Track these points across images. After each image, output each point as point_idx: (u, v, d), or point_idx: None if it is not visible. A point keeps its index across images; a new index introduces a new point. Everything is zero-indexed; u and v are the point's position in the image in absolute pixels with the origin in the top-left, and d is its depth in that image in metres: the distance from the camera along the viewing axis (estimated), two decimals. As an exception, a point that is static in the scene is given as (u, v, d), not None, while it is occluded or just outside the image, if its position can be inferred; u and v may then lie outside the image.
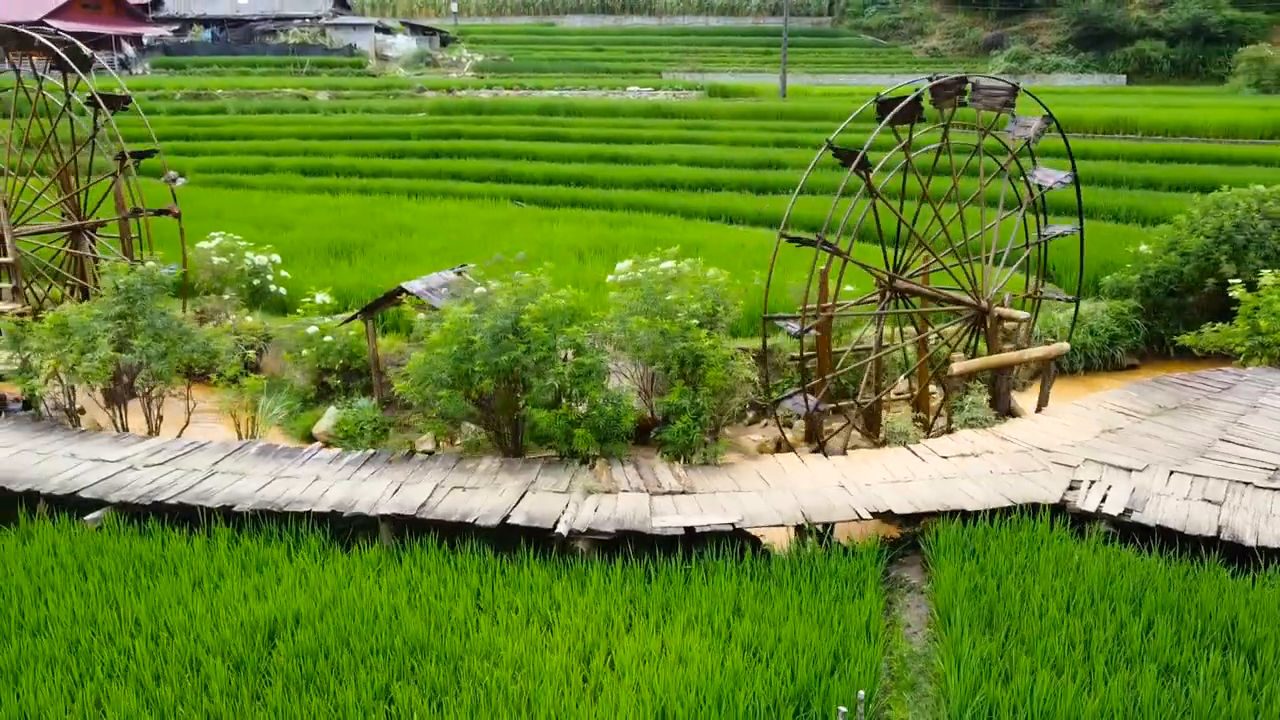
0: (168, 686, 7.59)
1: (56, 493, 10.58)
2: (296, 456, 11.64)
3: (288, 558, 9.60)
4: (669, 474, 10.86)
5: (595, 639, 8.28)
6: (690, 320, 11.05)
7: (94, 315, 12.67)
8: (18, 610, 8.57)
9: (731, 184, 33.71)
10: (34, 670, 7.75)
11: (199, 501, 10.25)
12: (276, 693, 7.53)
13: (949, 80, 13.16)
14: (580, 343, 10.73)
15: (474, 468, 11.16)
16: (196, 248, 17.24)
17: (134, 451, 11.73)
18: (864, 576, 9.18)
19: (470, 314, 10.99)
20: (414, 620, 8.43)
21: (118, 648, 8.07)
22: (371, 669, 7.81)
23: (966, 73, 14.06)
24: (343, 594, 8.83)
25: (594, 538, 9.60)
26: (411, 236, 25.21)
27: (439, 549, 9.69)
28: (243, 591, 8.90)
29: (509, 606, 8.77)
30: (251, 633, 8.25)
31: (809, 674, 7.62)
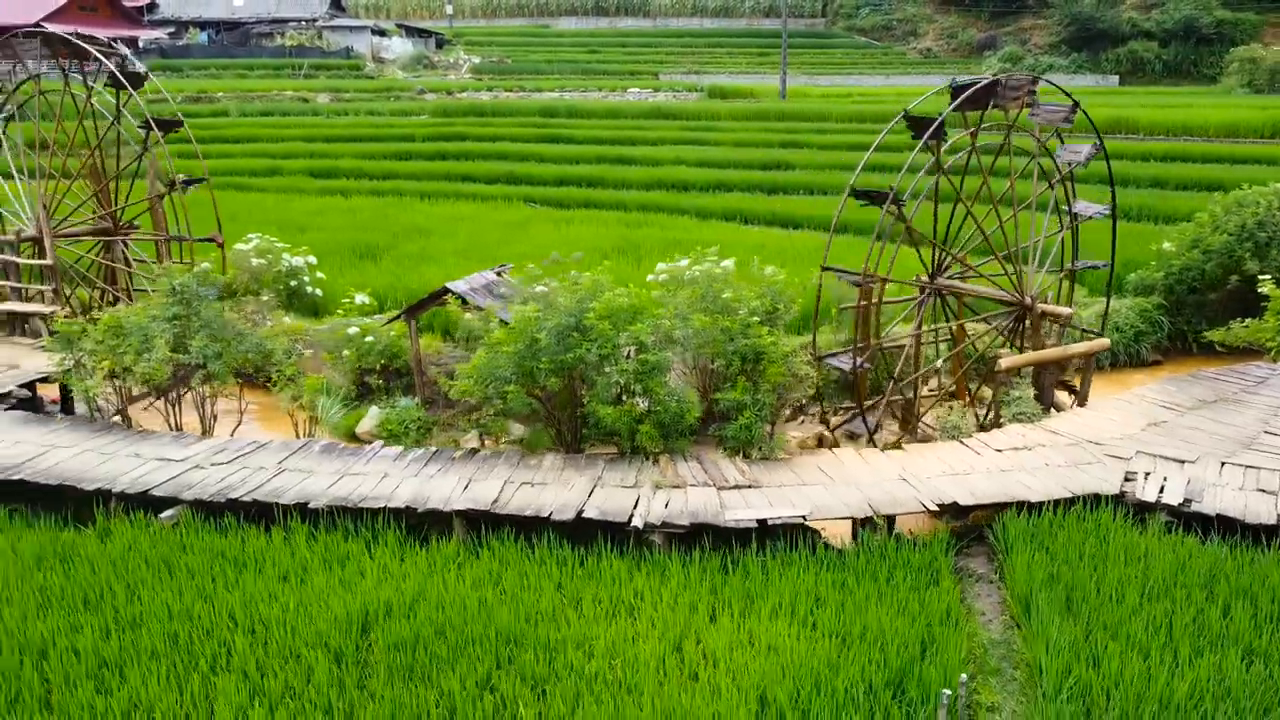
0: (272, 678, 7.73)
1: (129, 491, 10.68)
2: (360, 454, 11.78)
3: (366, 553, 9.75)
4: (732, 469, 11.05)
5: (683, 628, 8.46)
6: (751, 318, 11.26)
7: (151, 316, 12.77)
8: (112, 607, 8.69)
9: (741, 185, 33.94)
10: (139, 663, 7.87)
11: (273, 499, 10.38)
12: (381, 682, 7.68)
13: (1018, 79, 13.38)
14: (644, 340, 10.91)
15: (538, 464, 11.33)
16: (234, 249, 17.34)
17: (197, 451, 11.84)
18: (937, 566, 9.40)
19: (535, 312, 11.15)
20: (503, 612, 8.59)
21: (217, 640, 8.21)
22: (471, 659, 7.97)
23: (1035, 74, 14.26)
24: (429, 587, 8.98)
25: (668, 530, 9.78)
26: (430, 238, 25.34)
27: (515, 543, 9.85)
28: (330, 586, 9.04)
29: (593, 598, 8.94)
30: (346, 625, 8.39)
31: (900, 659, 7.82)
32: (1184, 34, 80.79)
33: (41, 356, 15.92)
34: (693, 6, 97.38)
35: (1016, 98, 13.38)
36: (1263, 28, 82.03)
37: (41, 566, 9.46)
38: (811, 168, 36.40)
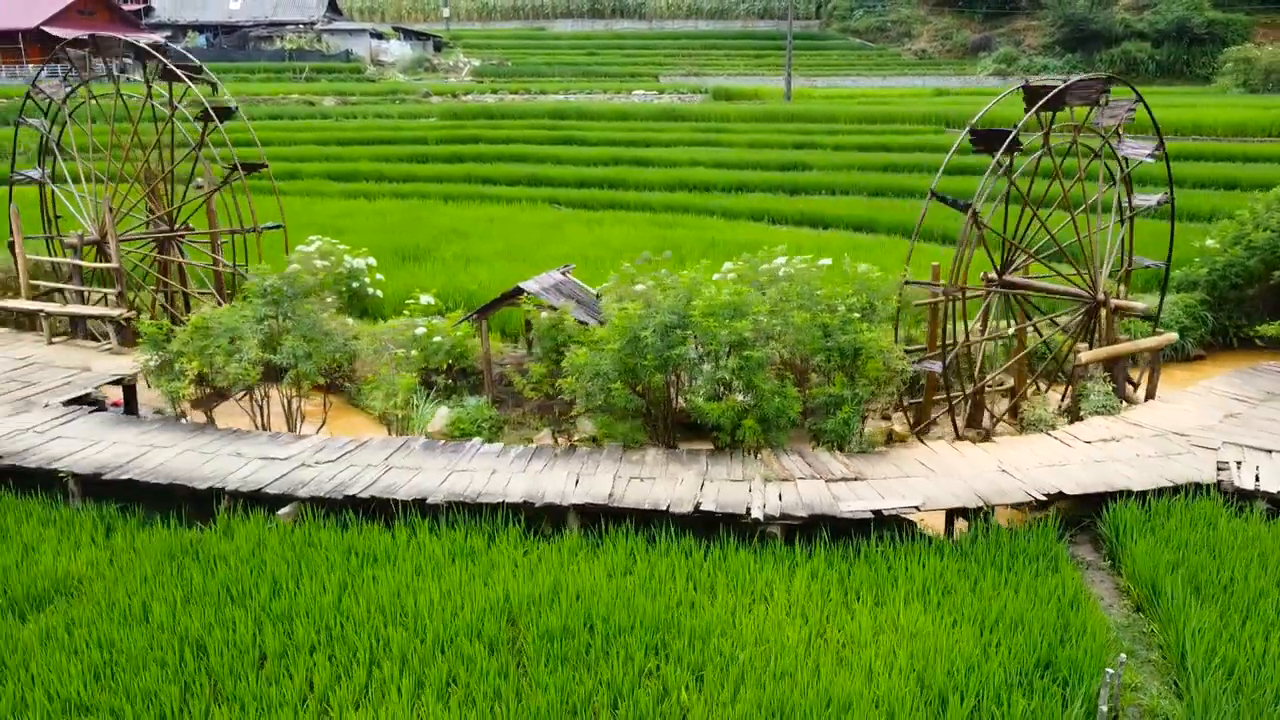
0: (433, 667, 7.90)
1: (242, 489, 10.81)
2: (461, 451, 11.94)
3: (488, 547, 9.92)
4: (835, 462, 11.28)
5: (821, 615, 8.68)
6: (851, 314, 11.49)
7: (244, 317, 12.90)
8: (258, 601, 8.83)
9: (762, 185, 34.21)
10: (301, 655, 8.03)
11: (389, 495, 10.54)
12: (542, 670, 7.86)
13: (1090, 81, 13.66)
14: (747, 336, 11.12)
15: (641, 459, 11.52)
16: (297, 250, 17.44)
17: (299, 449, 11.98)
18: (1054, 554, 9.65)
19: (639, 310, 11.34)
20: (645, 601, 8.78)
21: (370, 632, 8.36)
22: (622, 647, 8.15)
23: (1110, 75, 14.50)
24: (564, 579, 9.16)
25: (786, 522, 9.99)
26: (469, 240, 25.47)
27: (634, 537, 10.04)
28: (466, 578, 9.21)
29: (727, 587, 9.15)
30: (493, 616, 8.57)
31: (1044, 643, 8.07)
32: (1176, 34, 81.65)
33: (109, 359, 16.04)
34: (688, 8, 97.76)
35: (1090, 99, 13.64)
36: (1253, 28, 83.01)
37: (175, 563, 9.59)
38: (829, 168, 36.71)
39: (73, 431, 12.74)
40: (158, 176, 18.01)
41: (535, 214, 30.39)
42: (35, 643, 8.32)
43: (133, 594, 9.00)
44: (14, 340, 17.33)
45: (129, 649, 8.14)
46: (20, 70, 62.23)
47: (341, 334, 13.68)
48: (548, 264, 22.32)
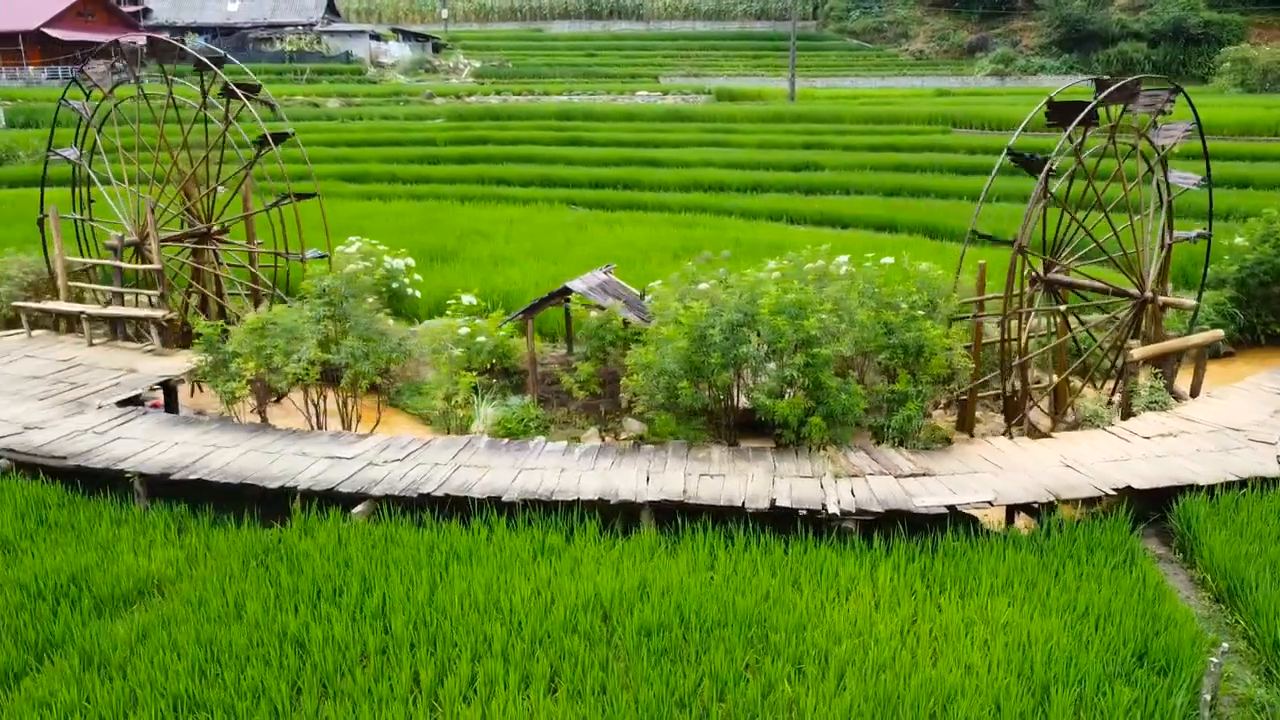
0: (534, 663, 7.97)
1: (314, 488, 10.86)
2: (527, 450, 12.01)
3: (567, 544, 9.99)
4: (900, 458, 11.39)
5: (910, 608, 8.78)
6: (915, 311, 11.60)
7: (305, 317, 12.95)
8: (351, 600, 8.87)
9: (776, 185, 34.36)
10: (402, 651, 8.08)
11: (464, 493, 10.60)
12: (644, 664, 7.93)
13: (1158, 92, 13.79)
14: (814, 334, 11.22)
15: (706, 456, 11.61)
16: (338, 251, 17.48)
17: (362, 449, 12.02)
18: (1129, 547, 9.77)
19: (705, 309, 11.43)
20: (733, 596, 8.86)
21: (466, 628, 8.42)
22: (720, 640, 8.23)
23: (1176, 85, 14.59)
24: (650, 575, 9.23)
25: (862, 517, 10.09)
26: (493, 240, 25.54)
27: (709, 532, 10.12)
28: (552, 574, 9.27)
29: (811, 582, 9.23)
30: (588, 611, 8.64)
31: (1136, 634, 8.18)
32: (1173, 35, 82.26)
33: (153, 360, 16.06)
34: (686, 9, 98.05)
35: (1154, 105, 13.78)
36: (1248, 28, 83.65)
37: (259, 562, 9.63)
38: (840, 168, 36.90)
39: (132, 432, 12.76)
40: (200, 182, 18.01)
41: (553, 215, 30.46)
42: (133, 640, 8.36)
43: (222, 592, 9.03)
44: (54, 341, 17.33)
45: (229, 646, 8.19)
46: (20, 72, 62.04)
47: (396, 334, 13.72)
48: (577, 264, 22.43)
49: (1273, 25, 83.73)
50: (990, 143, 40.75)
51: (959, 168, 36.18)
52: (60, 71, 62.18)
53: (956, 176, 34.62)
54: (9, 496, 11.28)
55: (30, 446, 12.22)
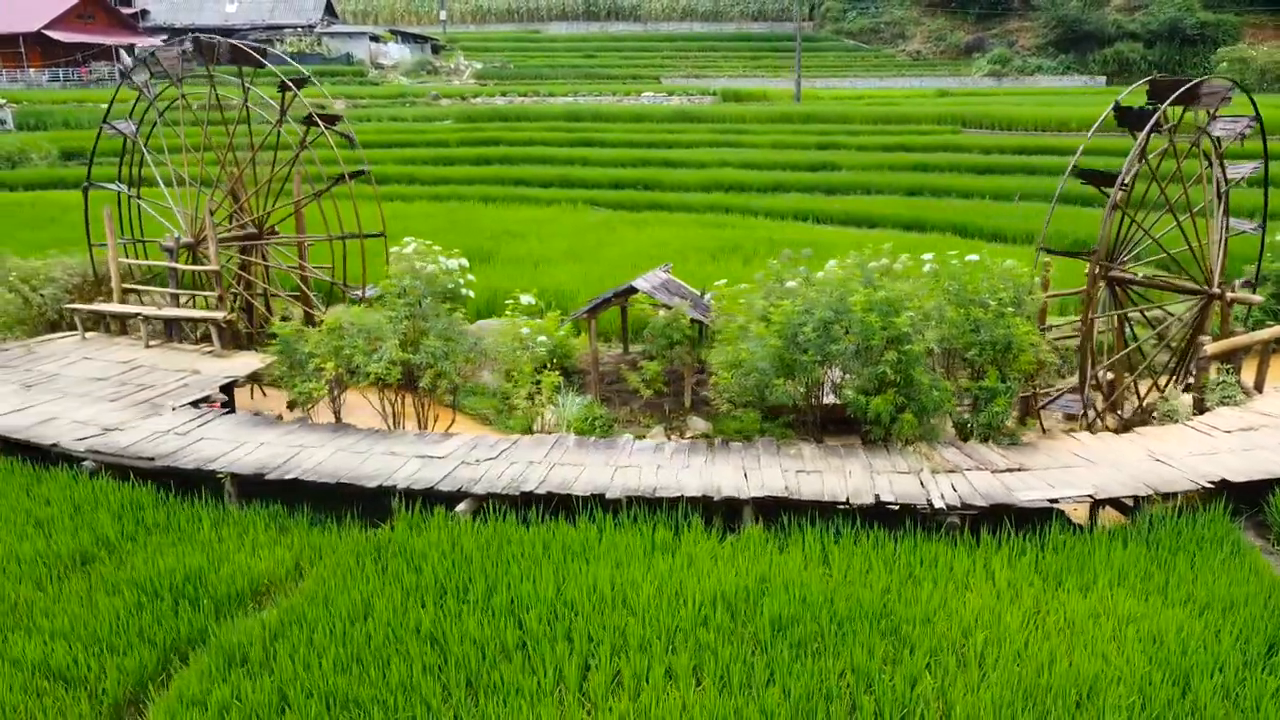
0: (675, 655, 8.04)
1: (414, 487, 10.89)
2: (616, 447, 12.07)
3: (676, 541, 10.05)
4: (991, 454, 11.51)
5: (1033, 601, 8.88)
6: (1005, 308, 11.72)
7: (389, 317, 12.98)
8: (477, 596, 8.91)
9: (797, 186, 34.56)
10: (542, 646, 8.13)
11: (566, 490, 10.65)
12: (785, 656, 8.01)
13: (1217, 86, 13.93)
14: (906, 330, 11.32)
15: (797, 453, 11.69)
16: (392, 253, 17.48)
17: (451, 448, 12.06)
18: (1233, 539, 9.91)
19: (799, 306, 11.52)
20: (858, 590, 8.95)
21: (599, 623, 8.47)
22: (852, 633, 8.31)
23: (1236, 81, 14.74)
24: (768, 571, 9.31)
25: (966, 512, 10.19)
26: (526, 240, 25.60)
27: (813, 528, 10.21)
28: (670, 571, 9.33)
29: (927, 576, 9.32)
30: (717, 605, 8.71)
31: (1266, 624, 8.31)
32: (1168, 35, 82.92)
33: (214, 361, 16.04)
34: (683, 10, 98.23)
35: (1215, 103, 13.94)
36: (1241, 29, 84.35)
37: (375, 560, 9.66)
38: (857, 168, 37.13)
39: (214, 433, 12.76)
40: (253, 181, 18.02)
41: (578, 215, 30.57)
42: (267, 639, 8.38)
43: (346, 591, 9.06)
44: (109, 343, 17.28)
45: (366, 644, 8.22)
46: (21, 74, 61.63)
47: (473, 334, 13.76)
48: (614, 264, 22.52)
49: (1266, 25, 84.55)
50: (1003, 142, 41.09)
51: (975, 167, 36.46)
52: (61, 74, 61.88)
53: (974, 176, 34.89)
54: (102, 498, 11.28)
55: (116, 448, 12.21)
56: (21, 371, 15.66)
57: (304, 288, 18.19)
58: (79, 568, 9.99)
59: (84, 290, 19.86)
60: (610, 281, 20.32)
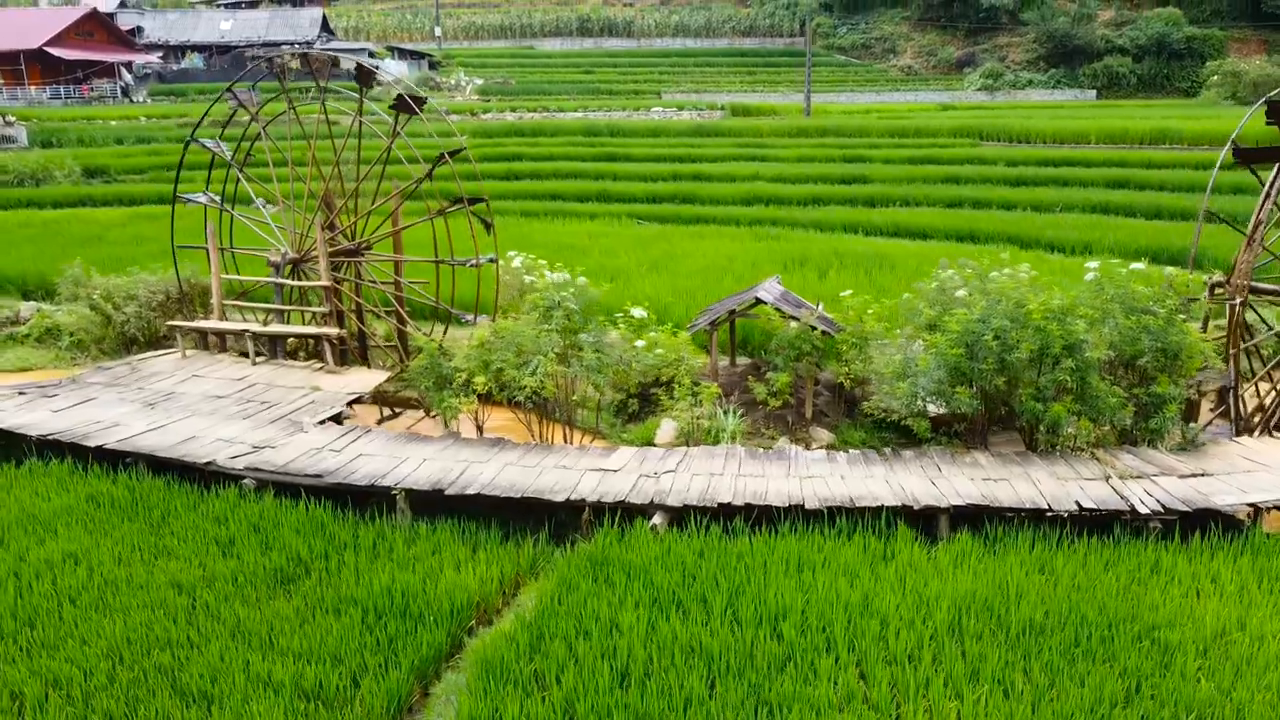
0: (944, 665, 8.01)
1: (604, 500, 10.81)
2: (788, 457, 12.04)
3: (888, 550, 10.03)
4: (1170, 459, 11.59)
5: (1271, 604, 8.94)
6: (1175, 315, 11.83)
7: (546, 330, 12.90)
8: (719, 608, 8.84)
9: (835, 198, 34.69)
10: (809, 657, 8.08)
11: (761, 501, 10.61)
12: (1057, 662, 8.00)
13: None
14: (1082, 338, 11.40)
15: (972, 461, 11.73)
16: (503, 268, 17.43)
17: (622, 461, 11.97)
18: None
19: (978, 316, 11.57)
20: (1092, 595, 8.98)
21: (855, 631, 8.44)
22: (1116, 639, 8.31)
23: None
24: (1000, 579, 9.31)
25: (1167, 517, 10.25)
26: (589, 255, 25.46)
27: (1015, 534, 10.24)
28: (898, 579, 9.33)
29: (1156, 582, 9.36)
30: (964, 613, 8.70)
31: None
32: (1156, 50, 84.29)
33: (330, 377, 15.87)
34: (676, 26, 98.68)
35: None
36: (1227, 42, 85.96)
37: (595, 575, 9.56)
38: (888, 181, 37.36)
39: (369, 449, 12.62)
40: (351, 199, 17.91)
41: (626, 228, 30.56)
42: (524, 656, 8.26)
43: (584, 606, 8.95)
44: (212, 361, 17.06)
45: (628, 658, 8.13)
46: (21, 91, 60.86)
47: (620, 347, 13.72)
48: (692, 276, 22.53)
49: (1250, 40, 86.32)
50: (1026, 155, 41.54)
51: (1006, 179, 36.81)
52: (62, 91, 61.17)
53: (1009, 188, 35.19)
54: (282, 517, 11.11)
55: (275, 465, 12.03)
56: (135, 390, 15.41)
57: (399, 306, 18.06)
58: (280, 587, 9.81)
59: (167, 307, 19.64)
60: (699, 294, 20.33)
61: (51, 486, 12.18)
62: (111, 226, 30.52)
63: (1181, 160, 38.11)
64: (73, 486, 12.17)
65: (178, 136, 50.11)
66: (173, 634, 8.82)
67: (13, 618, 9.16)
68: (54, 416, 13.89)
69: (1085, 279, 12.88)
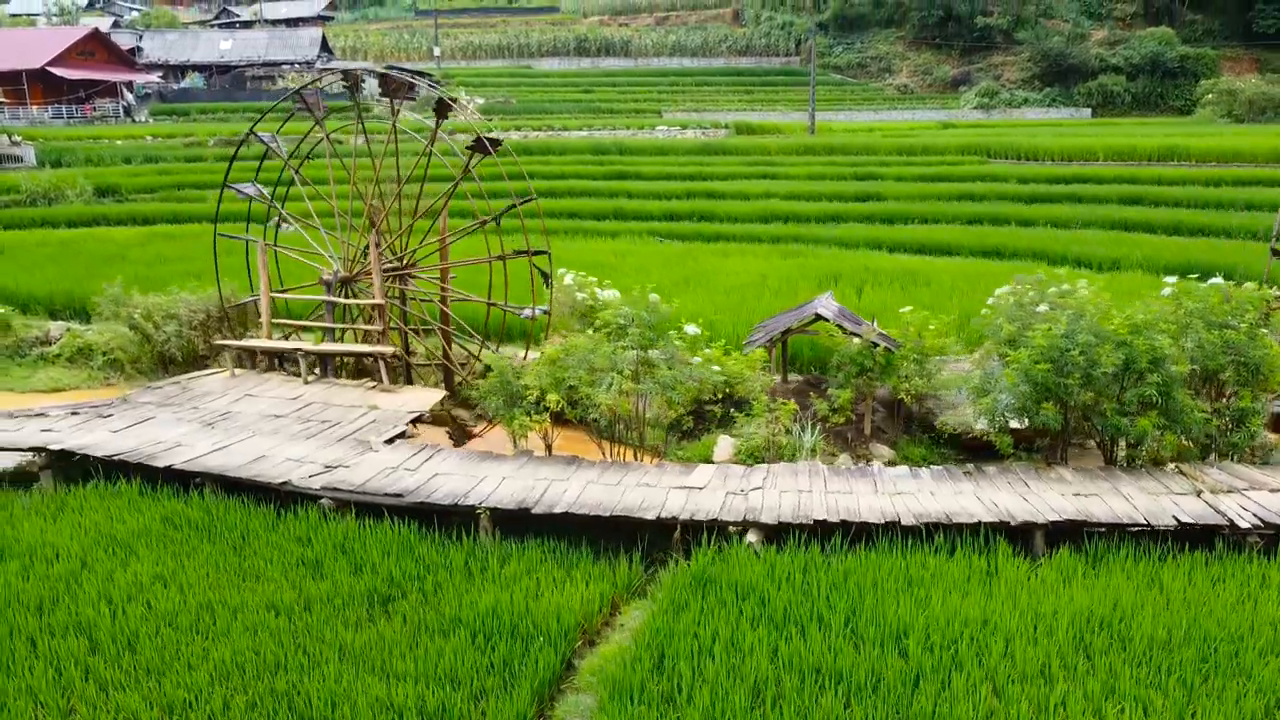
0: (1078, 682, 7.95)
1: (697, 517, 10.71)
2: (870, 474, 11.98)
3: (990, 567, 9.97)
4: (1259, 473, 11.58)
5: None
6: (1257, 329, 11.87)
7: (622, 347, 12.84)
8: (839, 626, 8.75)
9: (853, 216, 34.77)
10: (940, 674, 8.00)
11: (855, 518, 10.54)
12: (1193, 678, 7.94)
13: None
14: (1168, 353, 11.41)
15: (1058, 477, 11.69)
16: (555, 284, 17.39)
17: (706, 479, 11.88)
18: None
19: (1062, 332, 11.56)
20: (1209, 610, 8.93)
21: (979, 649, 8.36)
22: (1244, 653, 8.27)
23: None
24: (1113, 595, 9.25)
25: (1266, 531, 10.22)
26: (620, 272, 25.35)
27: (1114, 549, 10.20)
28: (1013, 594, 9.27)
29: (1266, 597, 9.32)
30: (1084, 631, 8.64)
31: None
32: (1150, 68, 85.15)
33: (386, 395, 15.75)
34: (673, 46, 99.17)
35: None
36: (1219, 61, 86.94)
37: (703, 594, 9.47)
38: (903, 198, 37.49)
39: (444, 468, 12.49)
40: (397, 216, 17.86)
41: (649, 246, 30.58)
42: (643, 675, 8.15)
43: (699, 625, 8.85)
44: (261, 380, 16.92)
45: (754, 677, 8.03)
46: (23, 111, 60.61)
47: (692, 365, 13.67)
48: (728, 293, 22.52)
49: (1242, 59, 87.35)
50: (1036, 172, 41.82)
51: (1020, 196, 37.00)
52: (64, 110, 60.97)
53: (1024, 205, 35.35)
54: (369, 536, 10.96)
55: (353, 485, 11.89)
56: (189, 409, 15.25)
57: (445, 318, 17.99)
58: (379, 607, 9.67)
59: (207, 326, 19.50)
60: (741, 310, 20.32)
61: (123, 507, 12.00)
62: (130, 246, 30.30)
63: (1192, 177, 38.46)
64: (145, 507, 12.00)
65: (185, 156, 50.04)
66: (281, 657, 8.67)
67: (112, 641, 9.00)
68: (115, 437, 13.72)
69: (1162, 293, 12.89)
